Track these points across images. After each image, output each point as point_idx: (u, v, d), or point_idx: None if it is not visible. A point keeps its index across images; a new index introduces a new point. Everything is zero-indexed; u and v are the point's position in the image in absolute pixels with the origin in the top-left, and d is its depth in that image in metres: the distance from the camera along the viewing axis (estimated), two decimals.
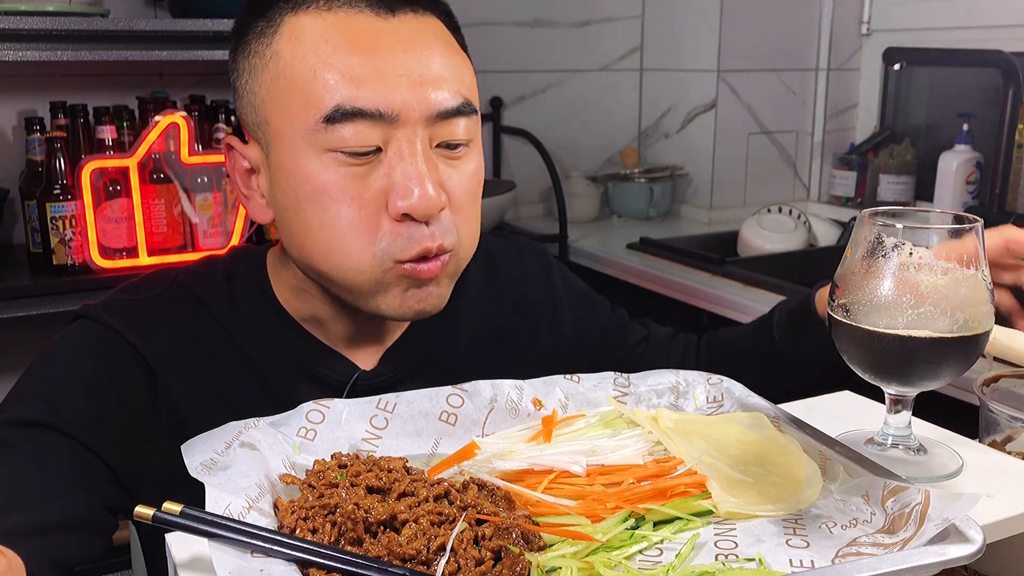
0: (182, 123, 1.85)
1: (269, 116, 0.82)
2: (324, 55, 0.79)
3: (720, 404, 0.79)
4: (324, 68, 0.78)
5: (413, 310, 0.84)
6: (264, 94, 0.82)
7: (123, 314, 0.88)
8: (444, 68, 0.82)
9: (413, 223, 0.80)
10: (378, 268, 0.81)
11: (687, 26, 2.65)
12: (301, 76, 0.79)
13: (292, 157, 0.81)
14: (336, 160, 0.79)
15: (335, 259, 0.82)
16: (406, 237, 0.80)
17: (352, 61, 0.78)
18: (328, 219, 0.80)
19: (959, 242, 0.71)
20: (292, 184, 0.82)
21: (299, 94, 0.79)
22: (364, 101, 0.78)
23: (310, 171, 0.80)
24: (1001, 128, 2.03)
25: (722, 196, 2.68)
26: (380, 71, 0.79)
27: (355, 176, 0.80)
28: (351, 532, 0.57)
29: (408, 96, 0.79)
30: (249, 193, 0.89)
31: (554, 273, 1.10)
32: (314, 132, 0.79)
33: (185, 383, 0.87)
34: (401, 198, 0.79)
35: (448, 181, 0.83)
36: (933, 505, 0.58)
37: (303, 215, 0.82)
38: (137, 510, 0.55)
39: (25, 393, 0.84)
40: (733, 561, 0.60)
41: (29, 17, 1.73)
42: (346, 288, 0.84)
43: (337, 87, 0.78)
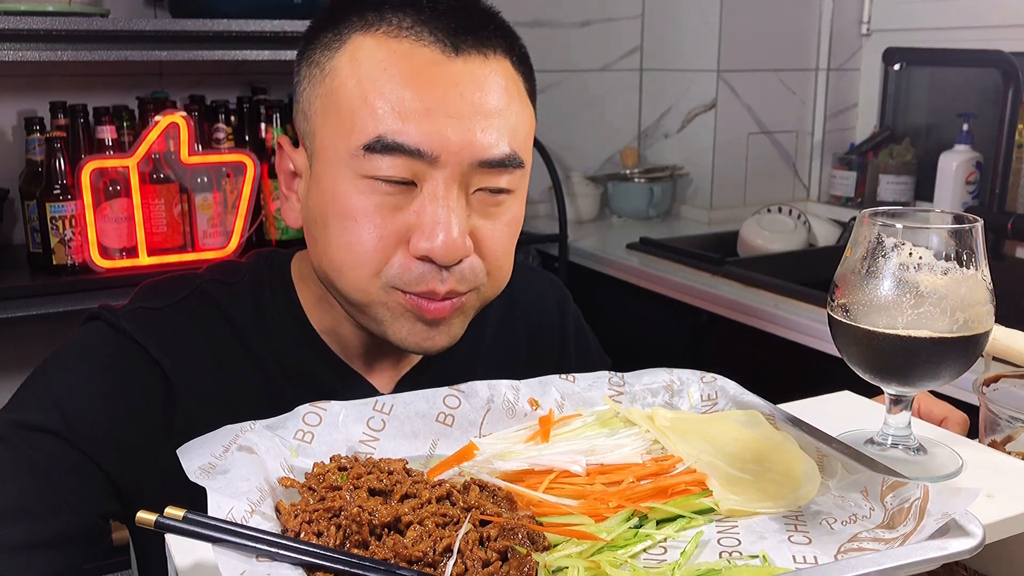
0: (182, 123, 1.85)
1: (317, 129, 0.83)
2: (378, 83, 0.78)
3: (715, 402, 0.80)
4: (375, 96, 0.78)
5: (419, 347, 0.84)
6: (317, 106, 0.82)
7: (145, 326, 0.86)
8: (497, 116, 0.80)
9: (429, 264, 0.80)
10: (381, 292, 0.81)
11: (687, 26, 2.65)
12: (351, 98, 0.79)
13: (330, 174, 0.81)
14: (370, 186, 0.79)
15: (344, 277, 0.82)
16: (416, 274, 0.80)
17: (404, 94, 0.77)
18: (346, 240, 0.80)
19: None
20: (324, 199, 0.82)
21: (346, 116, 0.79)
22: (406, 137, 0.77)
23: (343, 192, 0.80)
24: (1001, 128, 2.03)
25: (722, 196, 2.68)
26: (429, 109, 0.77)
27: (385, 206, 0.79)
28: (356, 535, 0.57)
29: (452, 139, 0.77)
30: (288, 194, 0.89)
31: (568, 318, 1.10)
32: (354, 156, 0.79)
33: (201, 399, 0.86)
34: (425, 239, 0.78)
35: (481, 229, 0.82)
36: (932, 500, 0.58)
37: (327, 231, 0.82)
38: (139, 516, 0.54)
39: (39, 395, 0.82)
40: (737, 558, 0.60)
41: (29, 17, 1.73)
42: (352, 304, 0.84)
43: (383, 118, 0.77)
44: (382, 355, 0.93)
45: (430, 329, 0.83)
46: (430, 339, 0.83)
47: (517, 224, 0.86)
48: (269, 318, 0.90)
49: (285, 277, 0.93)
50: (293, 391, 0.87)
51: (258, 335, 0.90)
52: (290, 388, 0.88)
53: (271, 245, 2.05)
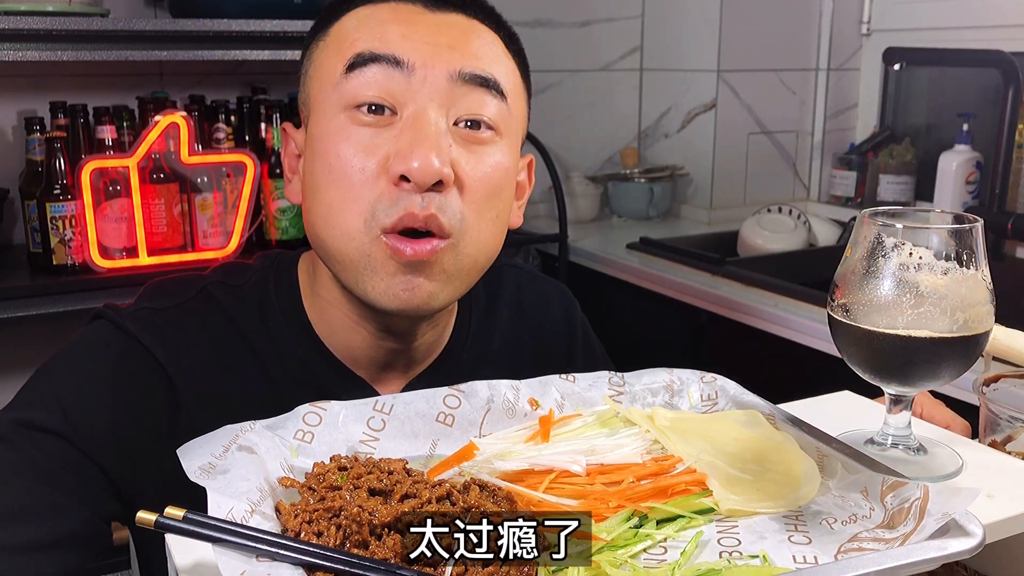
0: (182, 123, 1.85)
1: (310, 88, 0.86)
2: (363, 25, 0.83)
3: (715, 402, 0.80)
4: (357, 31, 0.82)
5: (399, 299, 0.80)
6: (311, 69, 0.87)
7: (150, 328, 0.86)
8: (477, 50, 0.82)
9: (407, 188, 0.77)
10: (366, 236, 0.79)
11: (687, 26, 2.65)
12: (338, 42, 0.83)
13: (317, 120, 0.83)
14: (351, 119, 0.80)
15: (332, 223, 0.81)
16: (394, 199, 0.78)
17: (385, 27, 0.82)
18: (334, 179, 0.80)
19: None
20: (314, 148, 0.83)
21: (332, 57, 0.83)
22: (383, 49, 0.80)
23: (328, 131, 0.81)
24: (1001, 128, 2.03)
25: (722, 196, 2.68)
26: (408, 35, 0.81)
27: (366, 137, 0.80)
28: (356, 535, 0.57)
29: (431, 57, 0.80)
30: (291, 177, 0.91)
31: (576, 327, 1.10)
32: (337, 86, 0.81)
33: (204, 401, 0.85)
34: (401, 160, 0.77)
35: (463, 163, 0.80)
36: (932, 500, 0.58)
37: (315, 178, 0.82)
38: (139, 516, 0.54)
39: (42, 395, 0.82)
40: (737, 558, 0.60)
41: (29, 17, 1.73)
42: (340, 261, 0.82)
43: (363, 42, 0.81)
44: (388, 363, 0.92)
45: (409, 279, 0.80)
46: (410, 290, 0.80)
47: (503, 175, 0.84)
48: (273, 322, 0.90)
49: (291, 280, 0.93)
50: (296, 395, 0.86)
51: (262, 339, 0.89)
52: (293, 392, 0.87)
53: (271, 245, 2.05)
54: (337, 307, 0.89)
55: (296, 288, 0.92)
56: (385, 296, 0.80)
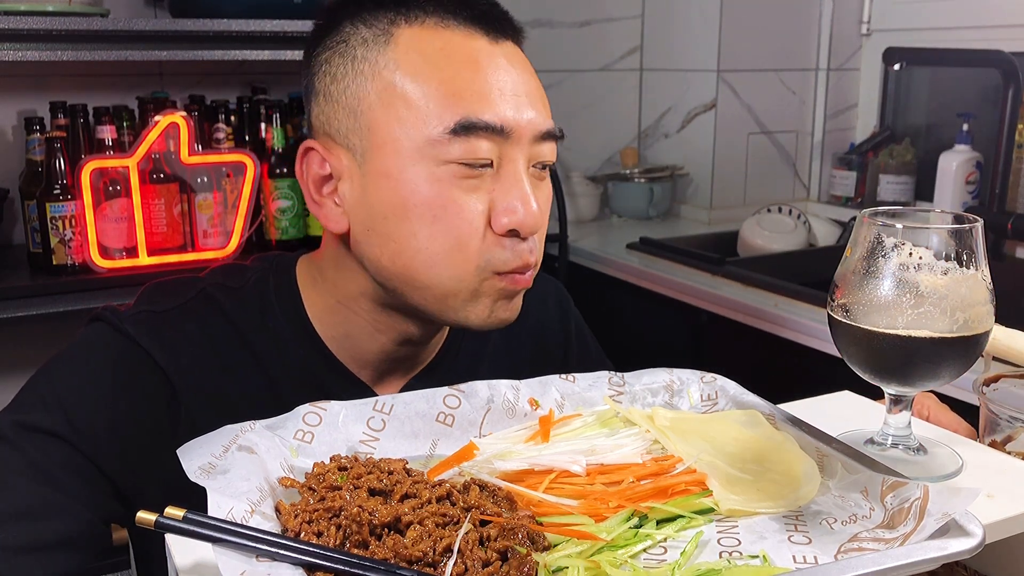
0: (182, 123, 1.85)
1: (376, 123, 0.82)
2: (447, 71, 0.81)
3: (715, 402, 0.80)
4: (448, 83, 0.81)
5: (500, 319, 0.86)
6: (374, 100, 0.82)
7: (150, 330, 0.86)
8: (537, 91, 0.87)
9: (515, 238, 0.83)
10: (477, 278, 0.83)
11: (687, 26, 2.65)
12: (422, 88, 0.81)
13: (401, 165, 0.81)
14: (450, 172, 0.81)
15: (437, 269, 0.83)
16: (510, 250, 0.83)
17: (475, 78, 0.82)
18: (437, 230, 0.81)
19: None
20: (401, 193, 0.82)
21: (418, 105, 0.81)
22: (488, 115, 0.81)
23: (421, 180, 0.81)
24: (1001, 128, 2.03)
25: (722, 196, 2.68)
26: (499, 89, 0.82)
27: (464, 190, 0.82)
28: (356, 535, 0.57)
29: (520, 115, 0.83)
30: (320, 200, 0.87)
31: (570, 321, 1.12)
32: (434, 144, 0.80)
33: (204, 403, 0.85)
34: (509, 215, 0.82)
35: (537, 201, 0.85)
36: (932, 500, 0.58)
37: (409, 224, 0.82)
38: (139, 516, 0.54)
39: (42, 396, 0.82)
40: (737, 558, 0.60)
41: (29, 17, 1.73)
42: (440, 297, 0.84)
43: (463, 102, 0.80)
44: (392, 361, 0.93)
45: (510, 302, 0.87)
46: (510, 310, 0.87)
47: (551, 198, 0.91)
48: (274, 322, 0.90)
49: (290, 282, 0.93)
50: (296, 396, 0.86)
51: (262, 339, 0.89)
52: (293, 393, 0.88)
53: (271, 245, 2.05)
54: (359, 315, 0.89)
55: (296, 289, 0.92)
56: (487, 321, 0.86)
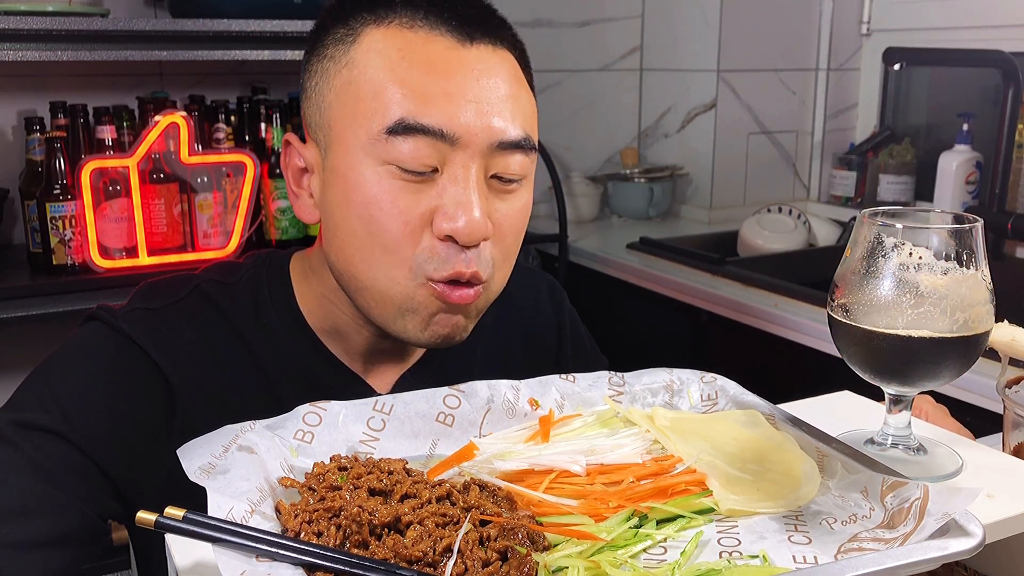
0: (182, 123, 1.85)
1: (333, 120, 0.83)
2: (398, 69, 0.80)
3: (715, 402, 0.80)
4: (396, 81, 0.79)
5: (438, 335, 0.84)
6: (333, 98, 0.83)
7: (145, 327, 0.86)
8: (511, 101, 0.82)
9: (453, 245, 0.80)
10: (411, 281, 0.81)
11: (687, 26, 2.65)
12: (371, 85, 0.80)
13: (349, 163, 0.81)
14: (391, 173, 0.80)
15: (374, 269, 0.82)
16: (443, 257, 0.80)
17: (424, 79, 0.79)
18: (374, 229, 0.81)
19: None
20: (345, 189, 0.82)
21: (366, 102, 0.80)
22: (428, 118, 0.78)
23: (365, 179, 0.80)
24: (1001, 128, 2.03)
25: (722, 196, 2.68)
26: (449, 93, 0.79)
27: (407, 191, 0.80)
28: (356, 535, 0.57)
29: (472, 121, 0.79)
30: (298, 192, 0.89)
31: (564, 316, 1.11)
32: (375, 142, 0.79)
33: (200, 400, 0.85)
34: (448, 220, 0.79)
35: (495, 213, 0.83)
36: (932, 500, 0.58)
37: (350, 222, 0.82)
38: (139, 516, 0.54)
39: (40, 395, 0.82)
40: (737, 558, 0.60)
41: (29, 17, 1.73)
42: (378, 300, 0.83)
43: (404, 101, 0.79)
44: (382, 356, 0.94)
45: (449, 317, 0.83)
46: (449, 326, 0.84)
47: (527, 213, 0.87)
48: (268, 318, 0.90)
49: (284, 277, 0.93)
50: (292, 391, 0.87)
51: (257, 335, 0.90)
52: (289, 388, 0.88)
53: (271, 245, 2.05)
54: (341, 309, 0.90)
55: (289, 285, 0.92)
56: (422, 336, 0.84)
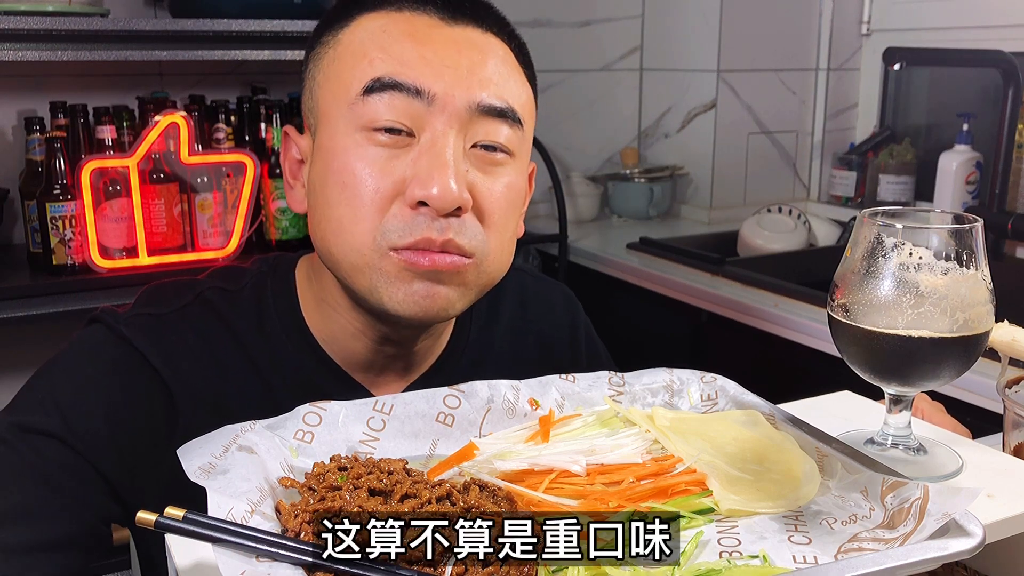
0: (182, 123, 1.85)
1: (320, 98, 0.84)
2: (379, 39, 0.81)
3: (715, 402, 0.80)
4: (375, 48, 0.80)
5: (419, 305, 0.80)
6: (321, 77, 0.85)
7: (147, 334, 0.85)
8: (495, 76, 0.82)
9: (424, 214, 0.78)
10: (375, 252, 0.79)
11: (687, 26, 2.65)
12: (352, 55, 0.81)
13: (331, 134, 0.82)
14: (368, 139, 0.79)
15: (342, 237, 0.81)
16: (409, 223, 0.78)
17: (404, 46, 0.80)
18: (346, 196, 0.80)
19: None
20: (325, 161, 0.82)
21: (346, 73, 0.81)
22: (403, 76, 0.79)
23: (343, 148, 0.80)
24: (1001, 128, 2.03)
25: (722, 196, 2.68)
26: (427, 58, 0.80)
27: (382, 158, 0.79)
28: None
29: (450, 84, 0.79)
30: (293, 183, 0.90)
31: (579, 329, 1.10)
32: (353, 106, 0.80)
33: (201, 407, 0.85)
34: (420, 186, 0.77)
35: (479, 186, 0.81)
36: (932, 500, 0.58)
37: (327, 192, 0.82)
38: (139, 516, 0.54)
39: (41, 398, 0.82)
40: (737, 558, 0.60)
41: (29, 17, 1.73)
42: (349, 271, 0.82)
43: (382, 63, 0.80)
44: (386, 367, 0.92)
45: (428, 286, 0.80)
46: (428, 297, 0.80)
47: (517, 194, 0.86)
48: (271, 327, 0.90)
49: (289, 285, 0.92)
50: (294, 401, 0.86)
51: (259, 344, 0.89)
52: (291, 398, 0.87)
53: (271, 245, 2.05)
54: (340, 313, 0.89)
55: (294, 292, 0.92)
56: (403, 304, 0.80)
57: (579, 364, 1.08)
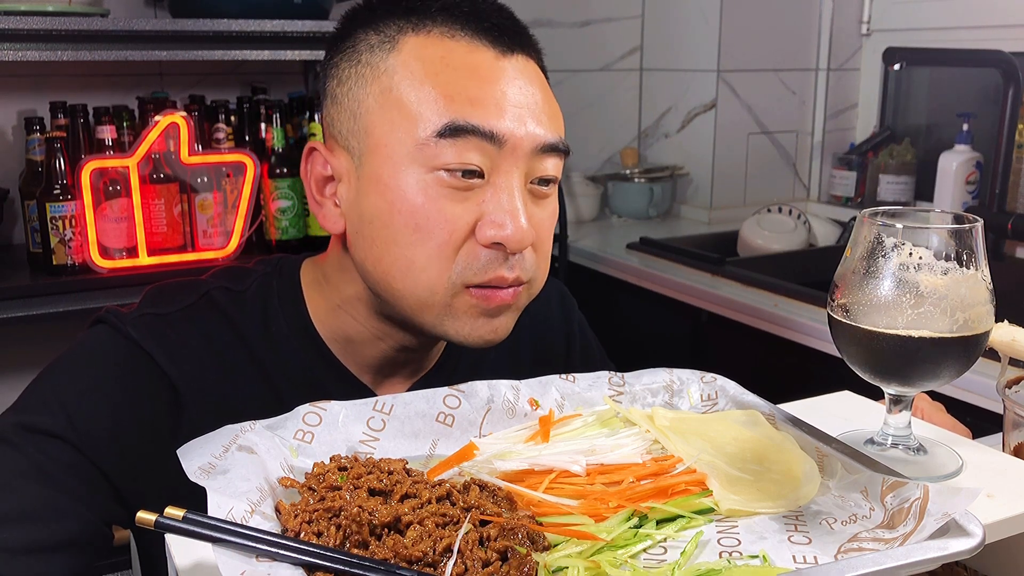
0: (182, 123, 1.85)
1: (372, 126, 0.82)
2: (443, 75, 0.80)
3: (715, 402, 0.80)
4: (442, 87, 0.80)
5: (483, 339, 0.84)
6: (372, 104, 0.83)
7: (152, 333, 0.85)
8: (547, 107, 0.85)
9: (496, 252, 0.81)
10: (449, 291, 0.82)
11: (687, 26, 2.65)
12: (417, 92, 0.80)
13: (392, 170, 0.81)
14: (438, 180, 0.80)
15: (412, 277, 0.82)
16: (484, 262, 0.81)
17: (470, 85, 0.80)
18: (419, 238, 0.80)
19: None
20: (388, 198, 0.81)
21: (411, 108, 0.80)
22: (479, 120, 0.79)
23: (409, 187, 0.80)
24: (1001, 128, 2.03)
25: (722, 196, 2.68)
26: (496, 99, 0.81)
27: (453, 199, 0.80)
28: (356, 535, 0.57)
29: (516, 126, 0.81)
30: (321, 200, 0.88)
31: (574, 325, 1.11)
32: (422, 147, 0.80)
33: (207, 408, 0.85)
34: (495, 228, 0.80)
35: (535, 218, 0.84)
36: (932, 500, 0.58)
37: (392, 230, 0.81)
38: (139, 516, 0.54)
39: (46, 400, 0.82)
40: (737, 558, 0.60)
41: (29, 17, 1.73)
42: (417, 308, 0.83)
43: (454, 105, 0.80)
44: (395, 368, 0.93)
45: (492, 321, 0.84)
46: (494, 330, 0.84)
47: (556, 216, 0.89)
48: (276, 327, 0.90)
49: (294, 285, 0.92)
50: (299, 401, 0.86)
51: (264, 344, 0.89)
52: (296, 398, 0.87)
53: (271, 245, 2.05)
54: (358, 321, 0.89)
55: (300, 294, 0.92)
56: (470, 338, 0.84)
57: (573, 359, 1.09)
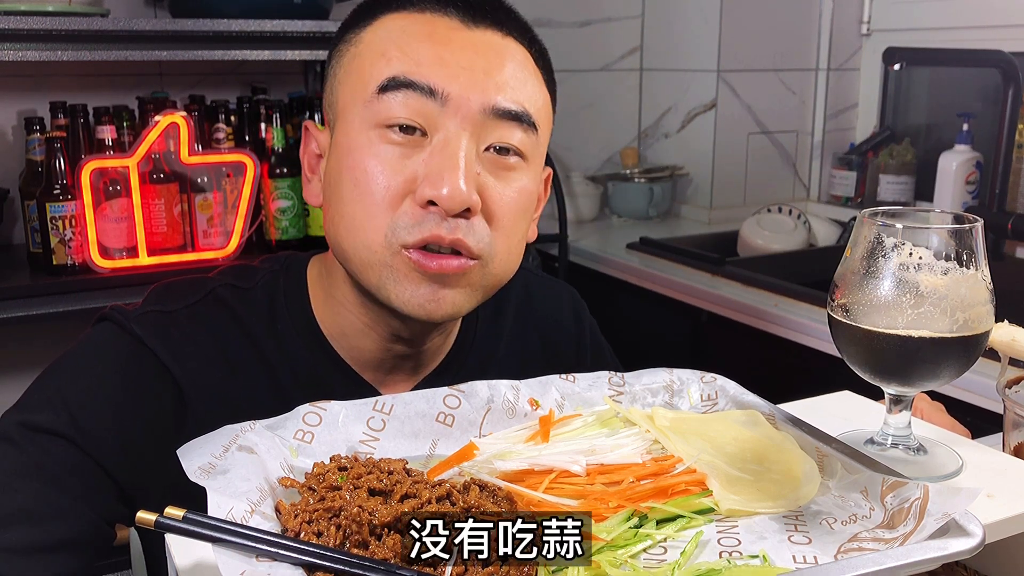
0: (182, 123, 1.85)
1: (339, 94, 0.86)
2: (398, 39, 0.82)
3: (715, 402, 0.80)
4: (393, 47, 0.81)
5: (424, 308, 0.81)
6: (341, 74, 0.86)
7: (157, 331, 0.85)
8: (512, 79, 0.83)
9: (434, 213, 0.79)
10: (387, 250, 0.80)
11: (687, 26, 2.65)
12: (372, 54, 0.82)
13: (346, 131, 0.83)
14: (381, 137, 0.80)
15: (354, 233, 0.82)
16: (417, 220, 0.79)
17: (421, 46, 0.81)
18: (358, 193, 0.81)
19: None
20: (339, 158, 0.83)
21: (365, 71, 0.82)
22: (418, 76, 0.80)
23: (357, 145, 0.81)
24: (1001, 128, 2.03)
25: (722, 196, 2.68)
26: (443, 59, 0.81)
27: (394, 156, 0.80)
28: (356, 535, 0.57)
29: (465, 86, 0.80)
30: (311, 177, 0.91)
31: (584, 329, 1.10)
32: (368, 103, 0.81)
33: (212, 406, 0.85)
34: (430, 185, 0.78)
35: (489, 189, 0.82)
36: (932, 500, 0.58)
37: (340, 189, 0.83)
38: (139, 516, 0.54)
39: (49, 398, 0.81)
40: (737, 558, 0.60)
41: (29, 17, 1.73)
42: (361, 268, 0.83)
43: (399, 62, 0.81)
44: (396, 366, 0.92)
45: (435, 290, 0.81)
46: (434, 300, 0.81)
47: (528, 198, 0.86)
48: (282, 325, 0.90)
49: (301, 283, 0.92)
50: (304, 399, 0.86)
51: (270, 342, 0.89)
52: (301, 396, 0.87)
53: (271, 245, 2.05)
54: (349, 310, 0.89)
55: (305, 291, 0.92)
56: (410, 304, 0.82)
57: (584, 363, 1.08)
